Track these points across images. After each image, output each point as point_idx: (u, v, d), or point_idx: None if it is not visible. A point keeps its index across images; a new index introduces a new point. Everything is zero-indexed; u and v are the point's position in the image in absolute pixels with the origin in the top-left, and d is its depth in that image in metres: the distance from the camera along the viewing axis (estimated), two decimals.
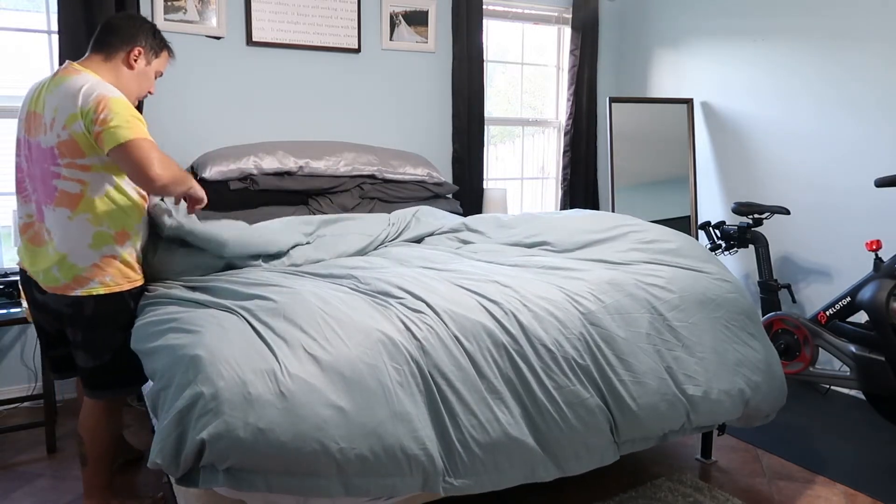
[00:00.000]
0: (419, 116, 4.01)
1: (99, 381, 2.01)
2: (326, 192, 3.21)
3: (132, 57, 2.00)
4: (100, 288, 1.92)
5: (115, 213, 1.92)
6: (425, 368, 1.70)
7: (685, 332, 2.12)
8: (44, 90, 1.93)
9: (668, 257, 2.36)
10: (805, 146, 3.56)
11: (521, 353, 1.82)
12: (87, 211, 1.87)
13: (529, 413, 1.80)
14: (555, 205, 4.64)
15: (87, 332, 1.96)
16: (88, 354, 1.98)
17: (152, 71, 2.09)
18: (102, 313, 1.95)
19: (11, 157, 2.07)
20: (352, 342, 1.66)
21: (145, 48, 2.03)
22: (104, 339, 1.97)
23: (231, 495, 1.58)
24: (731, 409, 2.17)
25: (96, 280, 1.91)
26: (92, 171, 1.87)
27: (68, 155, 1.84)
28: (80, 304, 1.92)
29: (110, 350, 1.97)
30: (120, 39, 1.98)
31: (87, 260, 1.90)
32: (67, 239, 1.89)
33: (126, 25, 2.01)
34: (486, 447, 1.72)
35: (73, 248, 1.89)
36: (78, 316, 1.94)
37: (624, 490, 2.37)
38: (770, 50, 3.70)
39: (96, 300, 1.93)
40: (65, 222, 1.88)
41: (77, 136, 1.82)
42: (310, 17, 3.58)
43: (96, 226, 1.89)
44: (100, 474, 2.11)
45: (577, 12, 4.33)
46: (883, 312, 2.74)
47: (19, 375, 3.12)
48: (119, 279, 1.96)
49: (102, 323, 1.95)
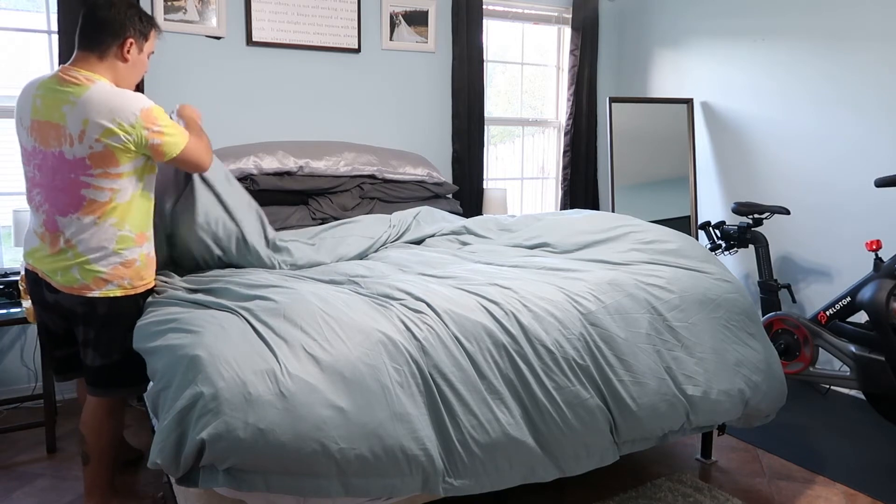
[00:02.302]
0: (419, 116, 4.01)
1: (106, 380, 2.02)
2: (326, 192, 3.21)
3: (125, 50, 1.97)
4: (116, 290, 1.95)
5: (137, 216, 1.98)
6: (425, 369, 1.70)
7: (685, 333, 2.12)
8: (49, 97, 1.89)
9: (669, 257, 2.36)
10: (805, 146, 3.56)
11: (521, 353, 1.82)
12: (114, 215, 1.91)
13: (529, 413, 1.80)
14: (555, 205, 4.64)
15: (100, 331, 1.97)
16: (98, 353, 1.99)
17: (145, 55, 2.06)
18: (116, 313, 1.97)
19: (11, 158, 2.07)
20: (352, 343, 1.66)
21: (135, 37, 1.98)
22: (115, 338, 1.98)
23: (231, 495, 1.58)
24: (731, 409, 2.17)
25: (115, 283, 1.95)
26: (124, 178, 1.91)
27: (102, 165, 1.87)
28: (93, 304, 1.94)
29: (120, 349, 1.98)
30: (110, 35, 1.94)
31: (110, 263, 1.93)
32: (92, 243, 1.91)
33: (112, 18, 1.94)
34: (485, 447, 1.72)
35: (96, 252, 1.91)
36: (91, 314, 1.95)
37: (624, 490, 2.37)
38: (770, 50, 3.70)
39: (111, 301, 1.95)
40: (91, 228, 1.90)
41: (114, 147, 1.85)
42: (310, 17, 3.58)
43: (120, 229, 1.93)
44: (101, 473, 2.11)
45: (577, 12, 4.33)
46: (883, 312, 2.74)
47: (19, 375, 3.12)
48: (136, 282, 1.99)
49: (115, 322, 1.97)
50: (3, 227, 3.09)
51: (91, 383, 2.04)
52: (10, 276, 2.87)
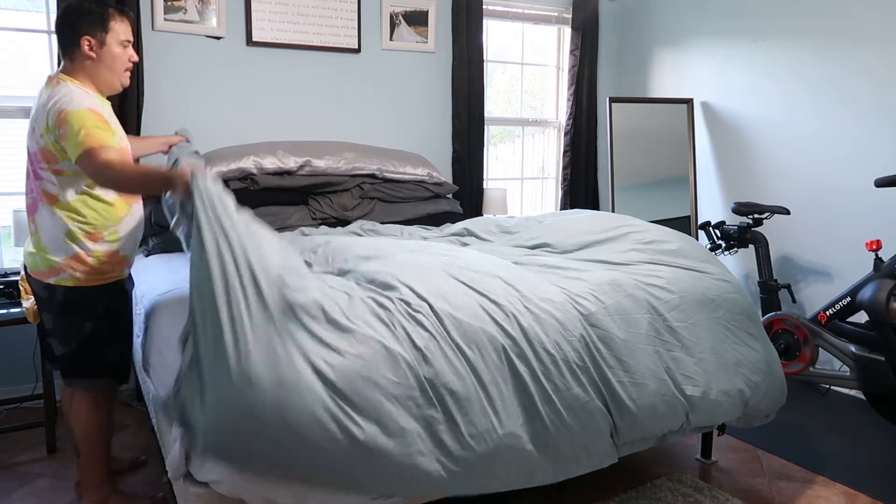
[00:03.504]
0: (419, 116, 4.01)
1: (68, 369, 2.11)
2: (326, 192, 3.21)
3: (85, 49, 1.99)
4: (69, 280, 2.03)
5: (91, 215, 2.02)
6: (424, 380, 1.67)
7: (685, 333, 2.12)
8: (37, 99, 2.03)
9: (668, 257, 2.35)
10: (805, 146, 3.56)
11: (521, 356, 1.81)
12: (64, 210, 2.00)
13: (529, 417, 1.79)
14: (555, 205, 4.64)
15: (58, 318, 2.07)
16: (58, 340, 2.08)
17: (114, 47, 2.02)
18: (72, 302, 2.05)
19: (11, 158, 2.12)
20: (353, 352, 1.63)
21: (91, 32, 1.98)
22: (73, 325, 2.06)
23: (231, 495, 1.58)
24: (731, 409, 2.17)
25: (66, 273, 2.02)
26: (64, 176, 1.99)
27: (47, 161, 1.98)
28: (52, 290, 2.04)
29: (77, 338, 2.06)
30: (67, 39, 1.99)
31: (61, 254, 2.02)
32: (49, 232, 2.02)
33: (65, 23, 2.00)
34: (484, 456, 1.71)
35: (50, 242, 2.02)
36: (51, 300, 2.06)
37: (624, 490, 2.37)
38: (770, 50, 3.70)
39: (66, 289, 2.03)
40: (48, 217, 2.01)
41: (49, 145, 1.96)
42: (310, 17, 3.58)
43: (70, 223, 2.00)
44: (93, 466, 2.15)
45: (577, 12, 4.33)
46: (883, 312, 2.74)
47: (19, 375, 3.12)
48: (91, 276, 2.05)
49: (71, 311, 2.05)
50: (3, 227, 3.10)
51: (61, 373, 2.14)
52: (10, 276, 2.87)
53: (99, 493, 2.16)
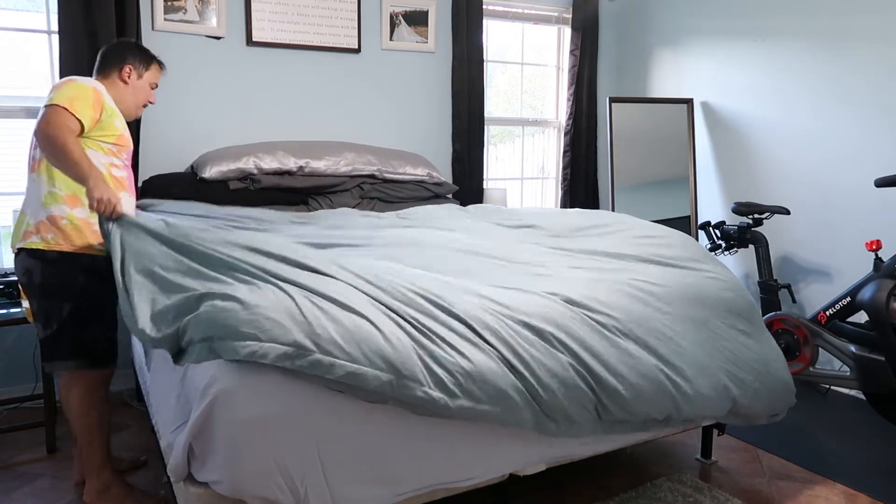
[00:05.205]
0: (419, 116, 4.01)
1: (48, 352, 2.13)
2: (326, 192, 3.21)
3: (124, 73, 2.27)
4: (40, 244, 2.06)
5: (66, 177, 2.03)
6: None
7: (677, 327, 2.11)
8: None
9: (663, 254, 2.37)
10: (805, 146, 3.56)
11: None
12: (45, 172, 2.08)
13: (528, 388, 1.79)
14: (555, 204, 4.64)
15: (36, 301, 2.11)
16: (38, 323, 2.12)
17: (145, 83, 2.33)
18: (49, 283, 2.09)
19: (11, 158, 2.12)
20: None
21: (135, 64, 2.29)
22: (51, 308, 2.10)
23: (231, 495, 1.58)
24: (718, 405, 2.12)
25: (38, 236, 2.07)
26: None
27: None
28: (30, 273, 2.08)
29: (56, 320, 2.09)
30: (111, 62, 2.27)
31: (37, 216, 2.07)
32: (30, 198, 2.10)
33: (114, 50, 2.31)
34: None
35: (29, 205, 2.09)
36: (30, 283, 2.11)
37: (624, 490, 2.37)
38: (770, 50, 3.70)
39: (43, 268, 2.06)
40: (31, 184, 2.11)
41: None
42: (310, 17, 3.58)
43: (49, 186, 2.07)
44: (91, 454, 2.18)
45: (577, 12, 4.33)
46: (883, 312, 2.74)
47: (19, 375, 3.12)
48: (60, 239, 2.07)
49: (49, 293, 2.09)
50: (3, 227, 3.10)
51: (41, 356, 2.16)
52: (10, 276, 2.87)
53: (101, 479, 2.19)
